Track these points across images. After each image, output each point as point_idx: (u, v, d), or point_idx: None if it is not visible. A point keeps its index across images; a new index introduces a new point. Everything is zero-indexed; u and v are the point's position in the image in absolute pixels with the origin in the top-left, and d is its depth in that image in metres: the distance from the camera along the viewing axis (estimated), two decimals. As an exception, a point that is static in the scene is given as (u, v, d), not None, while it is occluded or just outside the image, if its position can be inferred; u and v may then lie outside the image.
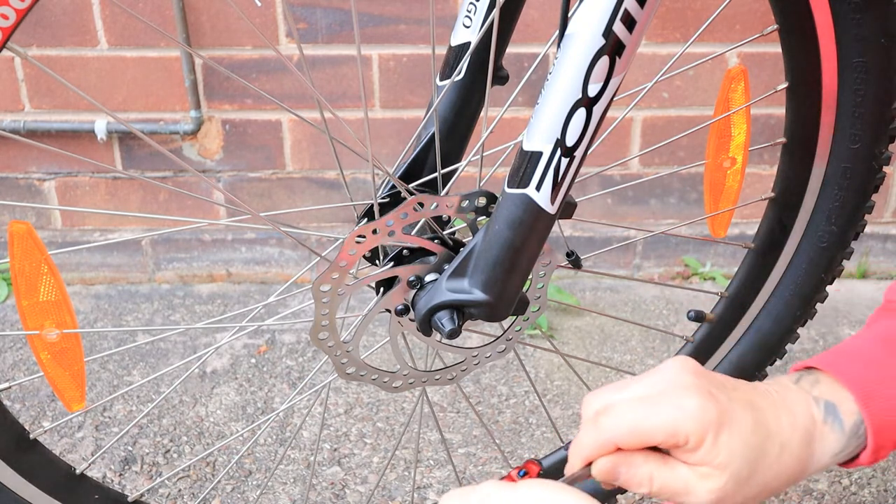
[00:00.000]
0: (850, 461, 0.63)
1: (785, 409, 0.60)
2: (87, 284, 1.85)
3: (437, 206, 0.72)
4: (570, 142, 0.64)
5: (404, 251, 0.76)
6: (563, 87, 0.62)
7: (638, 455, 0.59)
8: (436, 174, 0.78)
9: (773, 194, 0.91)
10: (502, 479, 0.60)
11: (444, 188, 0.78)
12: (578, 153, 0.65)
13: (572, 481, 0.59)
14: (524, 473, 0.62)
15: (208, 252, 1.84)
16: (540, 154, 0.64)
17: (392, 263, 0.75)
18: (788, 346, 0.97)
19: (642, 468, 0.58)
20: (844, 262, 0.90)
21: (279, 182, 1.80)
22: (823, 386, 0.62)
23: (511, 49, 0.83)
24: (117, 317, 1.73)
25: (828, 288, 0.92)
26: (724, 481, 0.57)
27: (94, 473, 1.28)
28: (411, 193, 0.73)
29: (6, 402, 1.44)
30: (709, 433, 0.56)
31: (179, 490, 1.26)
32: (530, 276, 0.76)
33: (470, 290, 0.71)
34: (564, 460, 0.63)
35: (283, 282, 1.86)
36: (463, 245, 0.74)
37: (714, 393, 0.58)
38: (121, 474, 1.29)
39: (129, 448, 1.34)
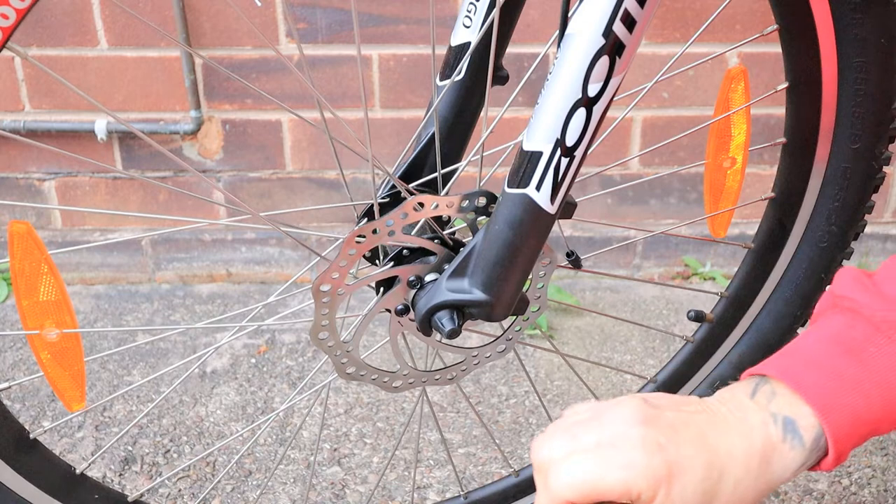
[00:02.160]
0: (811, 468, 0.63)
1: (740, 435, 0.60)
2: (87, 284, 1.85)
3: (437, 206, 0.72)
4: (570, 142, 0.64)
5: (404, 251, 0.76)
6: (563, 86, 0.62)
7: None
8: (436, 174, 0.78)
9: (773, 194, 0.91)
10: None
11: (444, 188, 0.78)
12: (578, 153, 0.65)
13: None
14: None
15: (208, 252, 1.84)
16: (540, 154, 0.64)
17: (392, 263, 0.76)
18: None
19: None
20: (844, 262, 0.90)
21: (279, 182, 1.80)
22: (780, 399, 0.61)
23: (511, 49, 0.83)
24: (117, 317, 1.73)
25: (828, 288, 0.92)
26: None
27: (94, 473, 1.28)
28: (411, 193, 0.73)
29: (6, 402, 1.44)
30: (661, 488, 0.56)
31: (179, 490, 1.26)
32: (530, 276, 0.76)
33: (470, 290, 0.71)
34: None
35: (283, 282, 1.86)
36: (463, 245, 0.74)
37: (663, 444, 0.57)
38: (121, 474, 1.29)
39: (129, 448, 1.34)
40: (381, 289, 0.78)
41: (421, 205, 0.72)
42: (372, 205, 0.76)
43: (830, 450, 0.60)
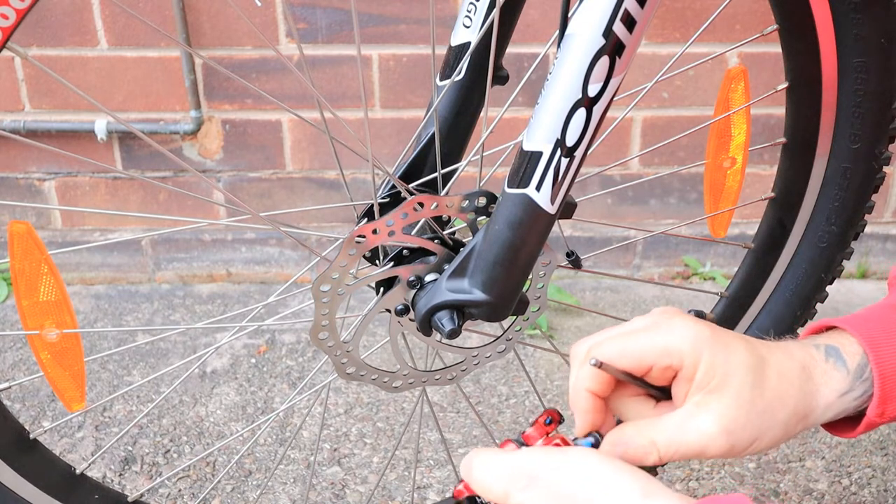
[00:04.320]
0: (856, 423, 0.61)
1: (779, 349, 0.59)
2: (87, 284, 1.85)
3: (437, 206, 0.72)
4: (570, 142, 0.64)
5: (404, 251, 0.76)
6: (563, 87, 0.62)
7: (628, 428, 0.58)
8: (436, 174, 0.78)
9: (773, 194, 0.91)
10: (532, 427, 0.59)
11: (444, 188, 0.78)
12: (578, 153, 0.65)
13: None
14: (550, 421, 0.60)
15: (208, 252, 1.84)
16: (540, 154, 0.64)
17: (392, 263, 0.75)
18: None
19: (638, 439, 0.57)
20: (844, 262, 0.90)
21: (279, 182, 1.80)
22: (825, 337, 0.61)
23: (511, 49, 0.83)
24: (117, 317, 1.73)
25: (828, 288, 0.92)
26: (727, 404, 0.55)
27: (94, 473, 1.28)
28: (411, 193, 0.73)
29: (6, 402, 1.44)
30: (704, 352, 0.55)
31: (179, 490, 1.26)
32: (530, 276, 0.76)
33: (470, 290, 0.71)
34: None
35: (283, 282, 1.86)
36: (463, 245, 0.74)
37: (705, 325, 0.58)
38: (121, 474, 1.29)
39: (129, 448, 1.34)
40: (381, 289, 0.78)
41: (421, 205, 0.72)
42: (372, 205, 0.76)
43: (876, 387, 0.58)
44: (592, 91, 0.62)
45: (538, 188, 0.65)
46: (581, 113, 0.63)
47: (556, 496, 0.51)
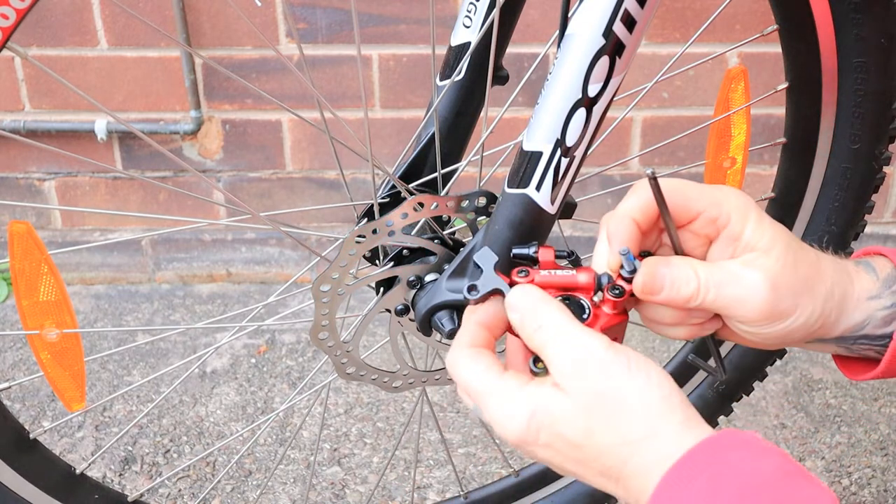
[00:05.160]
0: (871, 367, 0.60)
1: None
2: (87, 284, 1.85)
3: (437, 206, 0.72)
4: (570, 142, 0.64)
5: (404, 251, 0.76)
6: (563, 87, 0.62)
7: (673, 256, 0.57)
8: (436, 174, 0.78)
9: (773, 194, 0.91)
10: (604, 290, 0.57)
11: (444, 188, 0.78)
12: (578, 153, 0.65)
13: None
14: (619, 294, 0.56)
15: (208, 252, 1.84)
16: (540, 154, 0.64)
17: (392, 263, 0.75)
18: (789, 346, 0.97)
19: (683, 267, 0.56)
20: (844, 263, 0.90)
21: (279, 182, 1.80)
22: (855, 259, 0.61)
23: (511, 49, 0.83)
24: (117, 317, 1.73)
25: None
26: (774, 263, 0.54)
27: (94, 473, 1.28)
28: (411, 193, 0.73)
29: (6, 402, 1.44)
30: (751, 212, 0.56)
31: (179, 490, 1.26)
32: (530, 276, 0.76)
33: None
34: None
35: (283, 282, 1.86)
36: (463, 245, 0.74)
37: None
38: (121, 474, 1.29)
39: (129, 448, 1.34)
40: (381, 289, 0.78)
41: (421, 205, 0.72)
42: (372, 205, 0.76)
43: None
44: (592, 91, 0.62)
45: (538, 188, 0.65)
46: (581, 113, 0.63)
47: (613, 411, 0.51)
